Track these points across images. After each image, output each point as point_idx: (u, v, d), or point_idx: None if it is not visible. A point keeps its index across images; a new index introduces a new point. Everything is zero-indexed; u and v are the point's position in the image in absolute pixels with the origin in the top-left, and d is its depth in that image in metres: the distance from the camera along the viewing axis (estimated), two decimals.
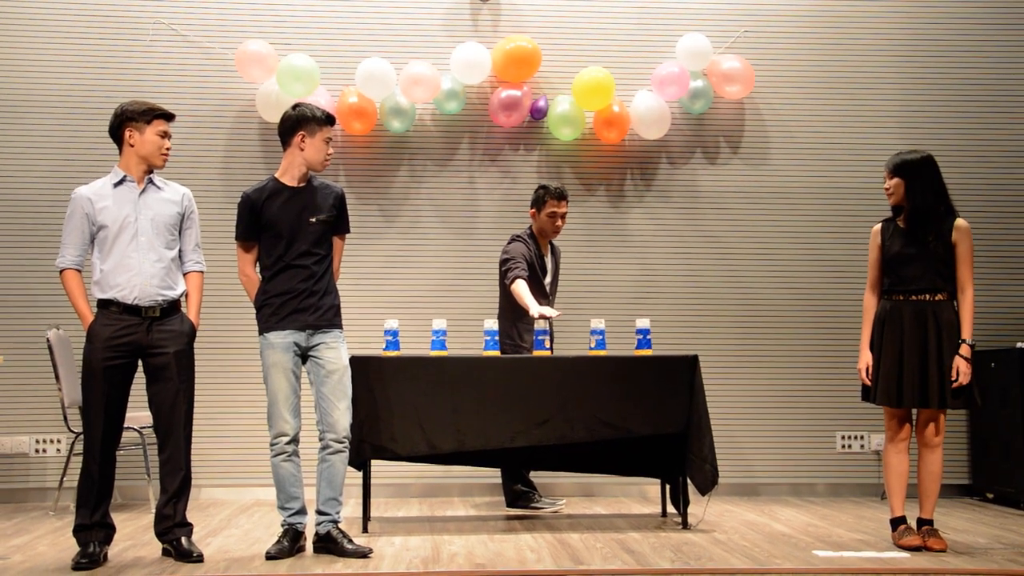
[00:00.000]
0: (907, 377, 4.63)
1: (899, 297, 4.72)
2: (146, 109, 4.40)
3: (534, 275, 5.67)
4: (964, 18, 6.91)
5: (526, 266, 5.60)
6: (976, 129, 6.85)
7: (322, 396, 4.51)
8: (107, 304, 4.31)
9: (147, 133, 4.38)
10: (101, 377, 4.26)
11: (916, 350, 4.63)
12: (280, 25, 6.64)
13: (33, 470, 6.31)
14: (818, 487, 6.63)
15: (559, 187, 5.76)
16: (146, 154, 4.39)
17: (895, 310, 4.71)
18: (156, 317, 4.34)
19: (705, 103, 6.70)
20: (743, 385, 6.64)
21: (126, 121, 4.38)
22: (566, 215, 5.79)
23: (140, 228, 4.34)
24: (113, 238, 4.31)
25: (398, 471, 6.26)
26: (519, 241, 5.74)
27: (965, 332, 4.60)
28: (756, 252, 6.75)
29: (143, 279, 4.31)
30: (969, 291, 4.63)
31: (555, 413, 5.09)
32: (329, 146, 4.58)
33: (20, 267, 6.38)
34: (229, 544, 4.79)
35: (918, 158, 4.72)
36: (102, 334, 4.27)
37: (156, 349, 4.34)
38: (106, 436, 4.29)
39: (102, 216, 4.31)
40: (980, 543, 4.88)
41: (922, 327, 4.64)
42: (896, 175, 4.73)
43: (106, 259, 4.32)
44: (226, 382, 6.35)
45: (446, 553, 4.54)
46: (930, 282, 4.66)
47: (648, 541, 4.84)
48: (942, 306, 4.65)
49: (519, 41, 6.50)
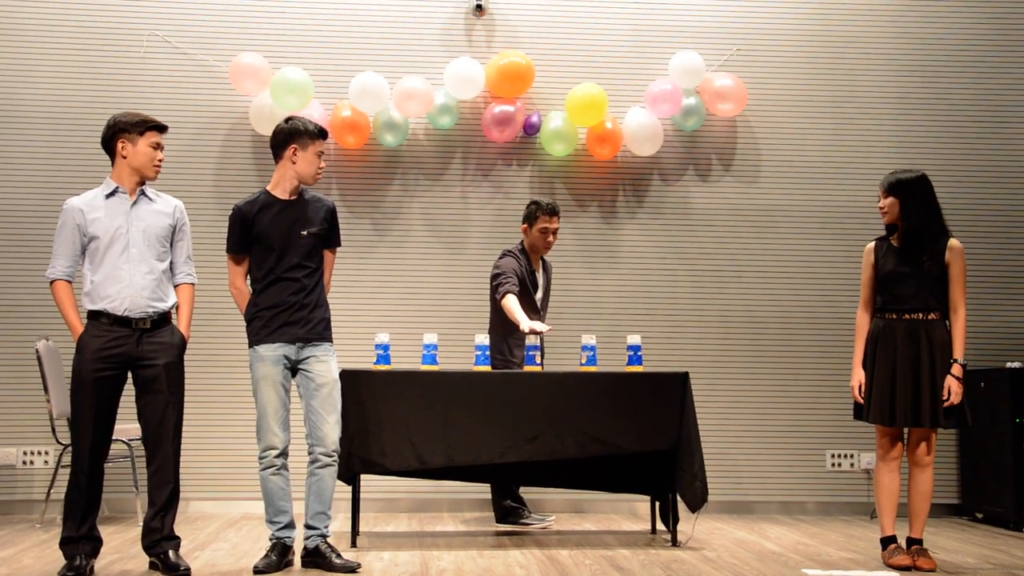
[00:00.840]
0: (900, 396, 4.64)
1: (892, 316, 4.73)
2: (139, 121, 4.40)
3: (525, 290, 5.66)
4: (956, 39, 6.95)
5: (516, 281, 5.59)
6: (966, 148, 6.89)
7: (311, 410, 4.49)
8: (97, 315, 4.29)
9: (140, 144, 4.38)
10: (91, 389, 4.24)
11: (909, 369, 4.65)
12: (274, 38, 6.65)
13: (20, 482, 6.28)
14: (808, 505, 6.63)
15: (551, 203, 5.75)
16: (138, 166, 4.39)
17: (888, 329, 4.73)
18: (146, 329, 4.33)
19: (698, 120, 6.72)
20: (734, 402, 6.64)
21: (119, 132, 4.38)
22: (557, 231, 5.80)
23: (131, 240, 4.34)
24: (104, 249, 4.31)
25: (387, 485, 6.24)
26: (510, 256, 5.74)
27: (957, 352, 4.61)
28: (747, 270, 6.77)
29: (134, 291, 4.30)
30: (962, 311, 4.65)
31: (545, 429, 5.08)
32: (321, 160, 4.58)
33: (9, 278, 6.35)
34: (217, 558, 4.76)
35: (913, 177, 4.74)
36: (92, 345, 4.26)
37: (146, 361, 4.32)
38: (95, 448, 4.27)
39: (93, 227, 4.30)
40: (969, 563, 4.88)
41: (915, 346, 4.65)
42: (891, 194, 4.75)
43: (97, 270, 4.31)
44: (216, 395, 6.33)
45: (435, 568, 4.53)
46: (923, 301, 4.67)
47: (637, 558, 4.83)
48: (935, 325, 4.66)
49: (513, 57, 6.52)
